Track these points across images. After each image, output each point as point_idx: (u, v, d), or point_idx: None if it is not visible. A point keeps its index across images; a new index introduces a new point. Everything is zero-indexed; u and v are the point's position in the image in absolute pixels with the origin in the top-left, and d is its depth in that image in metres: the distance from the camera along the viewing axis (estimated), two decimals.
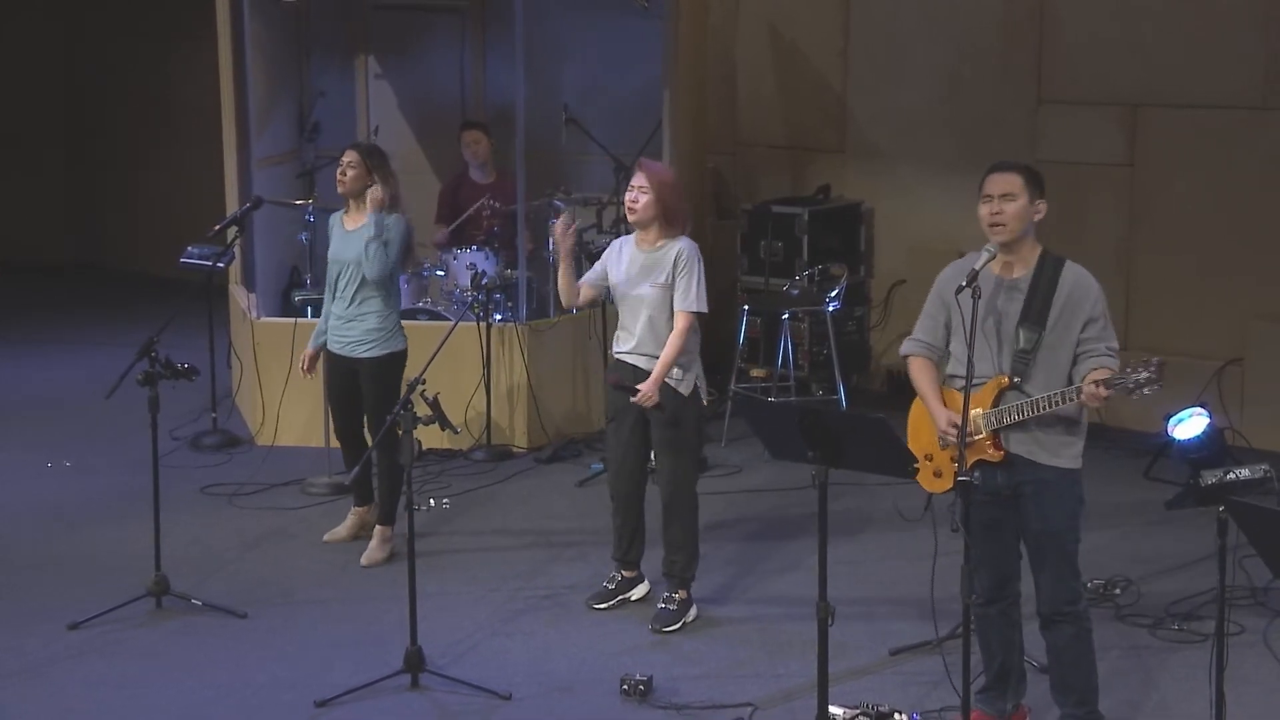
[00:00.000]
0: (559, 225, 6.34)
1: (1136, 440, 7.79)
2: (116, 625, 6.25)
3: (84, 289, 12.76)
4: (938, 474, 5.18)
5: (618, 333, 6.33)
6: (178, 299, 6.97)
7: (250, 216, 8.10)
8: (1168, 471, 7.62)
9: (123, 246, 13.20)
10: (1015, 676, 5.29)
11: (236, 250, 8.60)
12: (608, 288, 6.33)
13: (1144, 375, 4.73)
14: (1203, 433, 7.12)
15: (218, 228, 8.18)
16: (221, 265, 8.15)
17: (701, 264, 6.17)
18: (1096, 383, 4.78)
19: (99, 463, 8.33)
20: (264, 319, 8.75)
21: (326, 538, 7.10)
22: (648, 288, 6.15)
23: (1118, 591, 6.41)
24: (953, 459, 5.02)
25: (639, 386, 6.07)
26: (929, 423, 5.15)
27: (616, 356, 6.33)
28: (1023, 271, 5.00)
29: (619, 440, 6.33)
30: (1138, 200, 8.67)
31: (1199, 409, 7.19)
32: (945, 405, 5.07)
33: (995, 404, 4.95)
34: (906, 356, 5.24)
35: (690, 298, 6.09)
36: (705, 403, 6.31)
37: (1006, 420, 4.92)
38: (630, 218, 6.21)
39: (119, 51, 12.94)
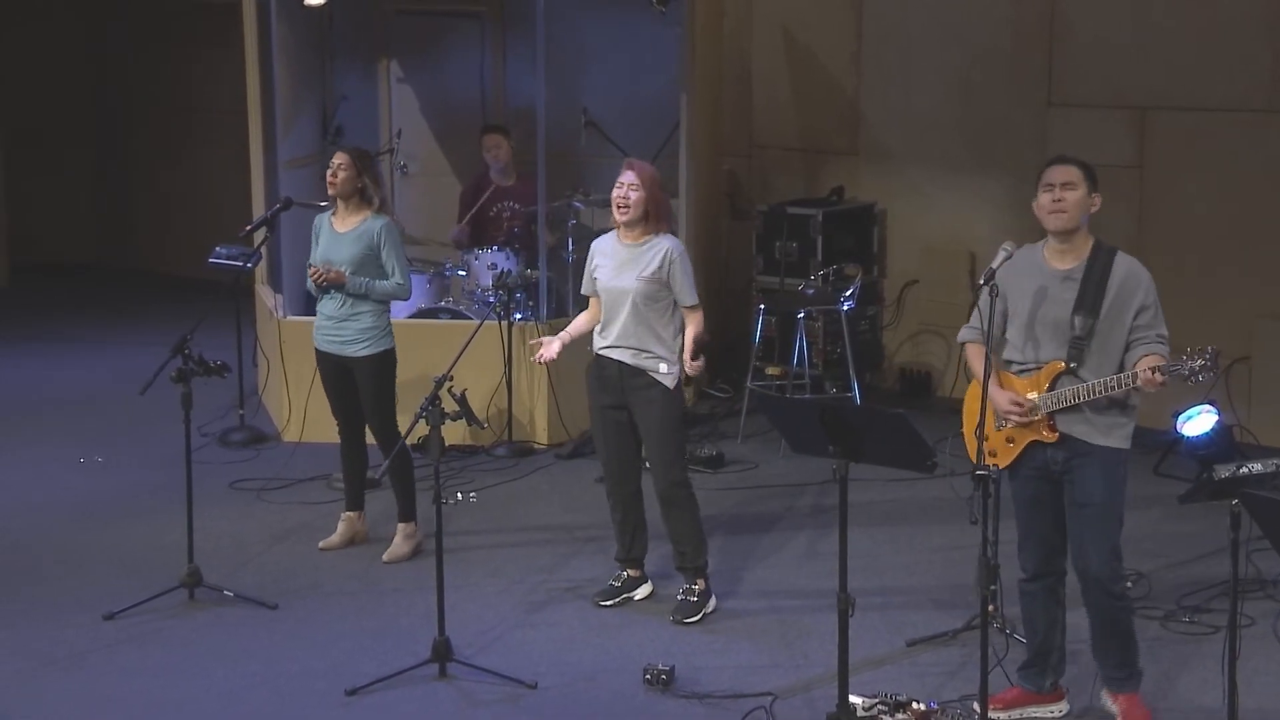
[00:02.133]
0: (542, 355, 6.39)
1: (1146, 437, 7.75)
2: (151, 616, 6.30)
3: (111, 289, 12.81)
4: (992, 454, 5.25)
5: (598, 329, 6.32)
6: (205, 299, 7.02)
7: (279, 217, 8.12)
8: (1177, 467, 7.67)
9: (149, 247, 13.25)
10: (1056, 656, 5.37)
11: (263, 251, 8.64)
12: None
13: (1199, 363, 4.87)
14: (1211, 429, 7.16)
15: (249, 228, 8.22)
16: (250, 266, 8.18)
17: (688, 258, 6.27)
18: (1153, 369, 4.88)
19: (129, 459, 8.38)
20: (290, 318, 8.79)
21: (322, 545, 7.05)
22: (632, 280, 6.16)
23: (1129, 584, 6.42)
24: (1009, 439, 5.16)
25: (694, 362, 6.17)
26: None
27: (597, 352, 6.31)
28: (1076, 261, 5.10)
29: (605, 441, 6.35)
30: (1146, 201, 8.70)
31: (1207, 406, 7.23)
32: (1003, 388, 5.16)
33: (1051, 388, 5.07)
34: (963, 343, 5.35)
35: (689, 294, 6.19)
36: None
37: (1064, 403, 5.04)
38: (622, 216, 6.19)
39: (146, 55, 13.00)
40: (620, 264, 6.21)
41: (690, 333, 6.19)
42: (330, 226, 6.93)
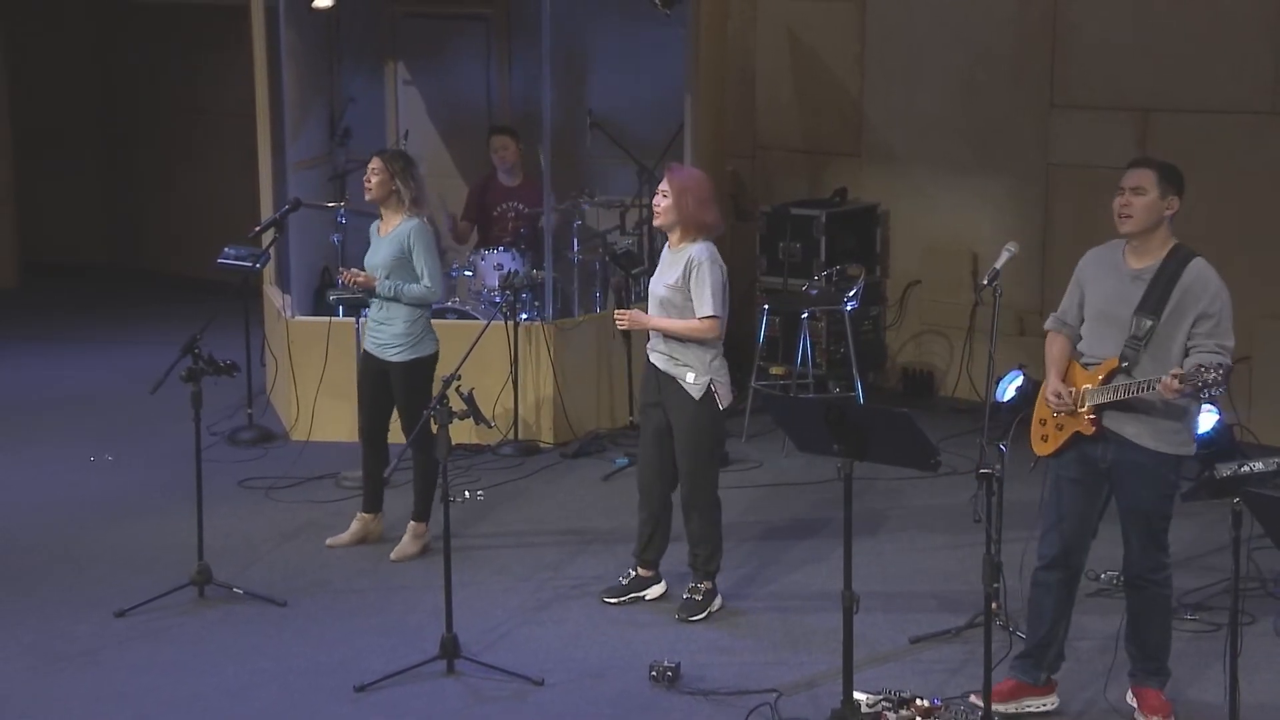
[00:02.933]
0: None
1: None
2: (162, 613, 6.32)
3: (120, 289, 12.82)
4: (1045, 438, 5.31)
5: None
6: (214, 299, 7.03)
7: (287, 218, 8.14)
8: None
9: (158, 247, 13.26)
10: (1055, 650, 5.39)
11: (271, 252, 8.66)
12: None
13: (1211, 377, 4.87)
14: (1212, 429, 7.16)
15: (259, 229, 8.23)
16: (258, 266, 8.20)
17: (716, 268, 6.12)
18: (1173, 375, 4.91)
19: (139, 457, 8.40)
20: (298, 318, 8.82)
21: (329, 542, 7.05)
22: (662, 287, 6.22)
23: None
24: (1059, 426, 5.21)
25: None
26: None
27: (648, 352, 6.37)
28: (1150, 262, 5.15)
29: (644, 439, 6.39)
30: None
31: (1208, 405, 7.23)
32: (1064, 379, 5.22)
33: (1104, 382, 5.12)
34: (1047, 331, 5.41)
35: (704, 304, 6.08)
36: (722, 406, 6.23)
37: (1107, 398, 5.08)
38: (655, 221, 6.31)
39: (155, 58, 13.01)
40: (662, 269, 6.28)
41: (678, 323, 6.13)
42: (376, 232, 6.98)
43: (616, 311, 6.48)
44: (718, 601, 6.36)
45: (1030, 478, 5.65)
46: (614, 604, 6.41)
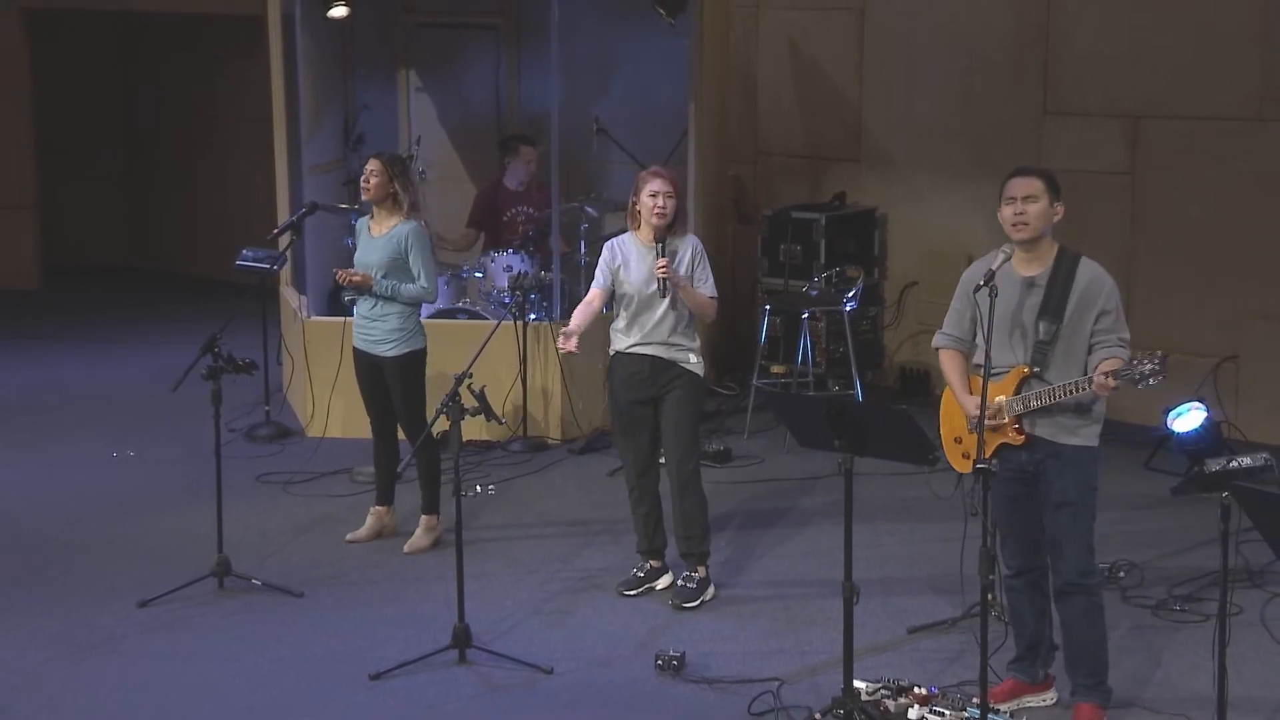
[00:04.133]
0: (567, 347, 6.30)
1: (1137, 433, 7.82)
2: (183, 603, 6.34)
3: (141, 290, 12.85)
4: (967, 455, 5.27)
5: (620, 329, 6.36)
6: (233, 300, 7.04)
7: (304, 221, 8.15)
8: (1167, 462, 7.68)
9: (178, 249, 13.29)
10: (1046, 646, 5.37)
11: (288, 254, 8.68)
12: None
13: (1148, 367, 4.83)
14: (1200, 426, 7.17)
15: (276, 232, 8.25)
16: (275, 268, 8.22)
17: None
18: (1106, 373, 4.87)
19: (159, 453, 8.41)
20: (313, 318, 8.83)
21: (349, 538, 7.06)
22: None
23: (1122, 574, 6.45)
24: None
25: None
26: (958, 409, 5.25)
27: (622, 351, 6.34)
28: (1041, 268, 5.10)
29: (630, 437, 6.38)
30: (1138, 206, 8.71)
31: (1196, 403, 7.25)
32: (972, 393, 5.16)
33: (1017, 391, 5.07)
34: (938, 349, 5.35)
35: (709, 286, 6.35)
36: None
37: (1029, 406, 5.04)
38: (660, 222, 6.26)
39: (174, 67, 13.03)
40: (649, 269, 6.26)
41: (699, 296, 6.25)
42: (367, 231, 6.97)
43: (659, 261, 6.19)
44: (711, 590, 6.38)
45: None
46: (632, 595, 6.42)
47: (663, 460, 6.45)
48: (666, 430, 6.32)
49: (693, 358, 6.30)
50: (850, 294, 8.85)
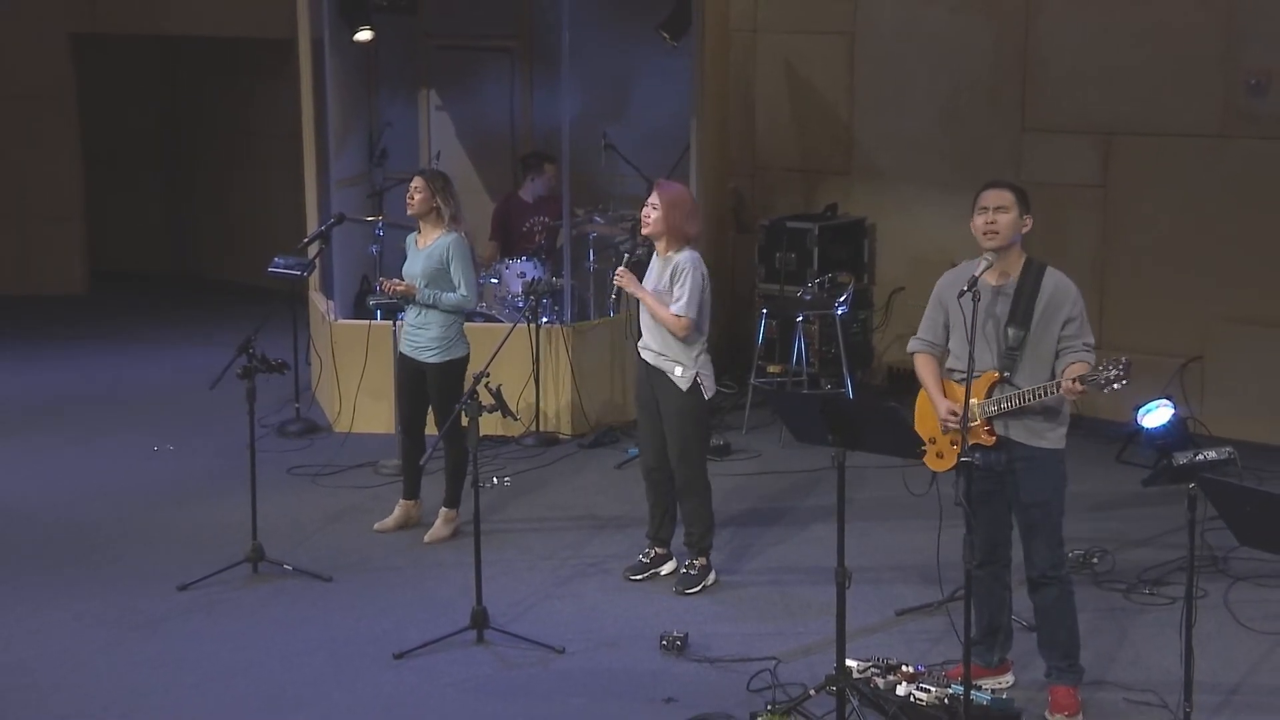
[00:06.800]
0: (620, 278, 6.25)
1: (1109, 428, 7.83)
2: (219, 587, 6.35)
3: (180, 295, 12.85)
4: (940, 455, 5.25)
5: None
6: (267, 304, 7.04)
7: (332, 231, 8.17)
8: (1137, 456, 7.65)
9: (215, 257, 13.30)
10: (1003, 633, 5.36)
11: (317, 262, 8.71)
12: None
13: (1113, 373, 4.79)
14: (1168, 421, 7.14)
15: (306, 240, 8.26)
16: (305, 274, 8.22)
17: (699, 274, 6.14)
18: (1073, 379, 4.85)
19: (197, 447, 8.42)
20: (340, 321, 8.84)
21: (376, 527, 7.05)
22: (651, 291, 6.23)
23: (1095, 560, 6.45)
24: (953, 442, 5.10)
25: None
26: (932, 411, 5.22)
27: (638, 350, 6.38)
28: (1009, 278, 5.07)
29: (641, 428, 6.41)
30: (1110, 217, 8.70)
31: (1164, 400, 7.22)
32: (945, 396, 5.13)
33: (988, 395, 5.04)
34: (912, 353, 5.31)
35: (680, 303, 6.11)
36: (707, 397, 6.25)
37: (999, 409, 5.00)
38: (643, 230, 6.28)
39: (212, 86, 13.05)
40: (651, 276, 6.28)
41: (663, 310, 6.10)
42: (414, 244, 6.98)
43: (618, 270, 6.27)
44: (712, 576, 6.37)
45: None
46: (637, 580, 6.42)
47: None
48: (666, 434, 6.31)
49: (679, 370, 6.15)
50: (841, 298, 8.85)
